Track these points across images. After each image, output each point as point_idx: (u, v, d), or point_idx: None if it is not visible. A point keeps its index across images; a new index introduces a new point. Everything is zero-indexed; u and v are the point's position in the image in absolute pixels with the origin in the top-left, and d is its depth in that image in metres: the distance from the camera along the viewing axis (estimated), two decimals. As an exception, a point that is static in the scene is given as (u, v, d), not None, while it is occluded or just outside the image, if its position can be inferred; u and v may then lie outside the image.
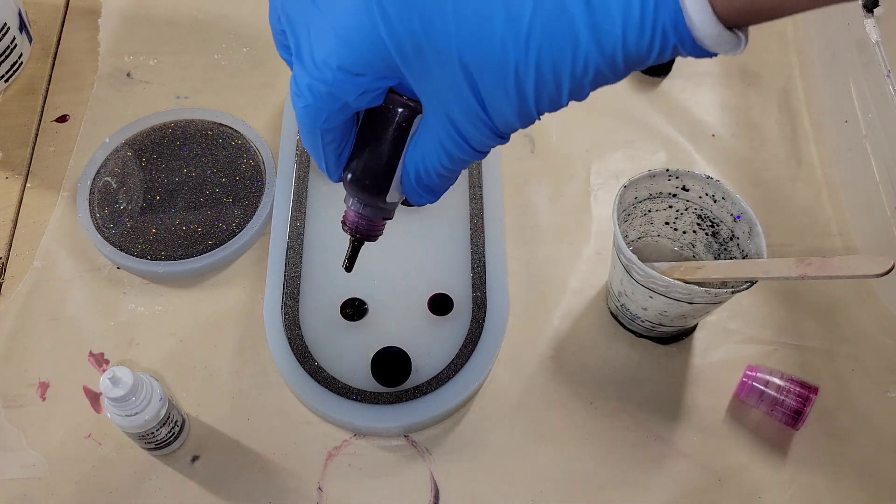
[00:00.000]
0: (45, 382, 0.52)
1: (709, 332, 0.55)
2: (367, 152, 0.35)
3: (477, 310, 0.53)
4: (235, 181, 0.59)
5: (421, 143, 0.34)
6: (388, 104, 0.34)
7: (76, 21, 0.70)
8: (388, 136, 0.35)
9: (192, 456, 0.50)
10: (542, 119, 0.31)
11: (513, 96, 0.30)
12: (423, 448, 0.50)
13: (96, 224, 0.57)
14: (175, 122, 0.62)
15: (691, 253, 0.54)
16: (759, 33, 0.71)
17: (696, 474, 0.50)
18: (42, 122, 0.64)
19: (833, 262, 0.41)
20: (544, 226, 0.59)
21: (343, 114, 0.33)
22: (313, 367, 0.50)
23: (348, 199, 0.38)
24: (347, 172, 0.36)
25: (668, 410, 0.52)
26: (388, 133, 0.35)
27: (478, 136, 0.32)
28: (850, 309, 0.56)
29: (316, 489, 0.49)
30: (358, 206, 0.38)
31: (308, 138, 0.35)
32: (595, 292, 0.56)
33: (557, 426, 0.51)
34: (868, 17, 0.60)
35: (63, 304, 0.55)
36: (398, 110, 0.34)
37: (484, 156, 0.34)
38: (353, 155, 0.36)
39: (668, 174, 0.51)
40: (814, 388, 0.50)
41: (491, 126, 0.32)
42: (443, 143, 0.33)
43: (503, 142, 0.33)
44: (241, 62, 0.67)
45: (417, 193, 0.36)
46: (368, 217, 0.38)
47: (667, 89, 0.67)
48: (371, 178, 0.36)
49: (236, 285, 0.56)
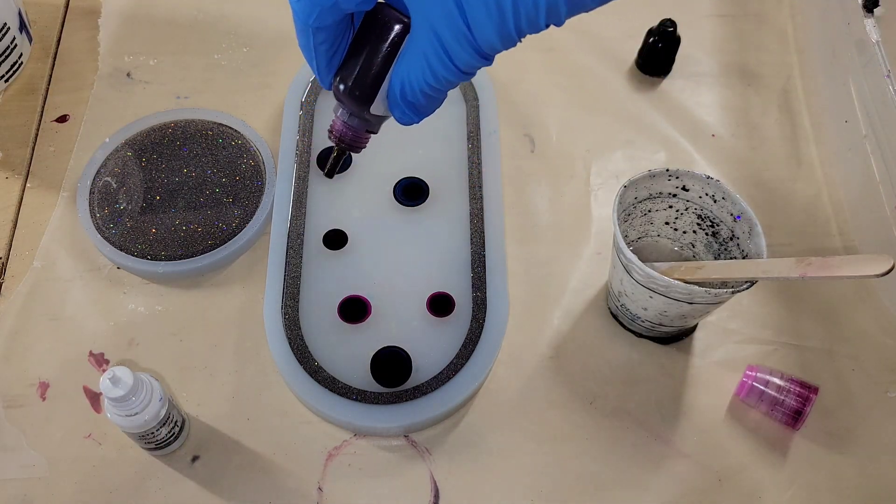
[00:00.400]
0: (45, 382, 0.52)
1: (709, 332, 0.55)
2: (358, 62, 0.37)
3: (477, 310, 0.53)
4: (235, 181, 0.59)
5: (407, 57, 0.35)
6: (383, 17, 0.35)
7: (76, 21, 0.70)
8: (379, 48, 0.36)
9: (192, 456, 0.50)
10: (523, 42, 0.32)
11: (493, 13, 0.31)
12: (423, 448, 0.50)
13: (96, 224, 0.57)
14: (175, 122, 0.62)
15: (691, 253, 0.54)
16: (760, 33, 0.71)
17: (696, 474, 0.50)
18: (42, 122, 0.64)
19: (833, 262, 0.41)
20: (544, 226, 0.59)
21: (334, 14, 0.34)
22: (313, 367, 0.50)
23: (337, 109, 0.40)
24: (337, 78, 0.38)
25: (668, 410, 0.52)
26: (380, 45, 0.36)
27: (462, 55, 0.33)
28: (850, 309, 0.56)
29: (316, 489, 0.49)
30: (345, 115, 0.40)
31: (301, 37, 0.36)
32: (595, 292, 0.56)
33: (557, 426, 0.51)
34: (868, 17, 0.60)
35: (63, 304, 0.55)
36: (392, 24, 0.35)
37: (468, 77, 0.35)
38: (345, 63, 0.37)
39: (668, 174, 0.51)
40: (814, 388, 0.50)
41: (474, 45, 0.32)
42: (428, 59, 0.34)
43: (487, 63, 0.34)
44: (241, 62, 0.67)
45: (402, 110, 0.37)
46: (354, 128, 0.40)
47: (667, 89, 0.67)
48: (359, 87, 0.37)
49: (236, 285, 0.56)
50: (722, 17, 0.72)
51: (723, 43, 0.71)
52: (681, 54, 0.67)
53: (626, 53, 0.68)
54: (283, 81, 0.65)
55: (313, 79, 0.64)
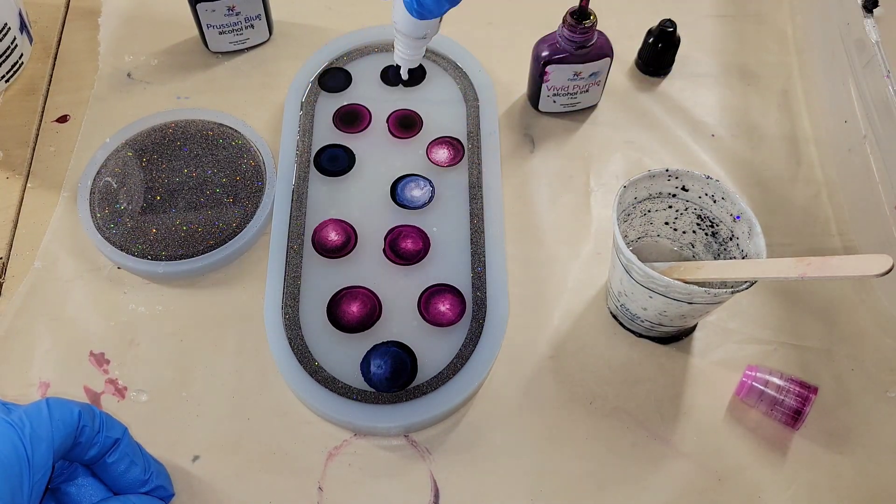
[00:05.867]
0: (45, 382, 0.52)
1: (709, 332, 0.55)
2: None
3: (477, 310, 0.53)
4: (235, 181, 0.59)
5: None
6: None
7: (76, 21, 0.70)
8: None
9: (193, 456, 0.50)
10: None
11: None
12: (423, 448, 0.50)
13: (97, 224, 0.57)
14: (175, 122, 0.62)
15: (691, 253, 0.55)
16: (760, 33, 0.71)
17: (695, 474, 0.50)
18: (42, 122, 0.64)
19: (833, 262, 0.41)
20: (544, 226, 0.59)
21: None
22: (313, 367, 0.50)
23: None
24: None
25: (668, 410, 0.52)
26: None
27: None
28: (850, 309, 0.56)
29: (316, 489, 0.49)
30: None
31: None
32: (595, 292, 0.56)
33: (557, 426, 0.51)
34: (868, 17, 0.60)
35: (63, 304, 0.55)
36: None
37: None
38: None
39: (668, 174, 0.51)
40: (813, 388, 0.50)
41: None
42: None
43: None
44: (241, 62, 0.68)
45: None
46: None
47: (667, 89, 0.67)
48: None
49: (236, 285, 0.56)
50: (722, 17, 0.72)
51: (723, 43, 0.71)
52: (680, 54, 0.67)
53: (625, 53, 0.68)
54: (283, 81, 0.65)
55: (313, 79, 0.64)
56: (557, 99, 0.63)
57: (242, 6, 0.64)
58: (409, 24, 0.50)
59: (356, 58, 0.65)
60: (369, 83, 0.64)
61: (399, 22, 0.50)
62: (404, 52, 0.53)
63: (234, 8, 0.64)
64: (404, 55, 0.53)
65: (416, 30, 0.50)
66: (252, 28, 0.67)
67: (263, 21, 0.67)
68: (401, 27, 0.50)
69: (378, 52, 0.66)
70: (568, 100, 0.63)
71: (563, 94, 0.63)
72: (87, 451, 0.41)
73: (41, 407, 0.39)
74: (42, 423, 0.38)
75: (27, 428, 0.38)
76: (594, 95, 0.64)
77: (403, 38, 0.51)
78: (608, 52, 0.60)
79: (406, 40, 0.51)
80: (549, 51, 0.59)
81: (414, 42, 0.52)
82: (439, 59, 0.65)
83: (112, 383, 0.52)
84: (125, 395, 0.52)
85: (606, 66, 0.61)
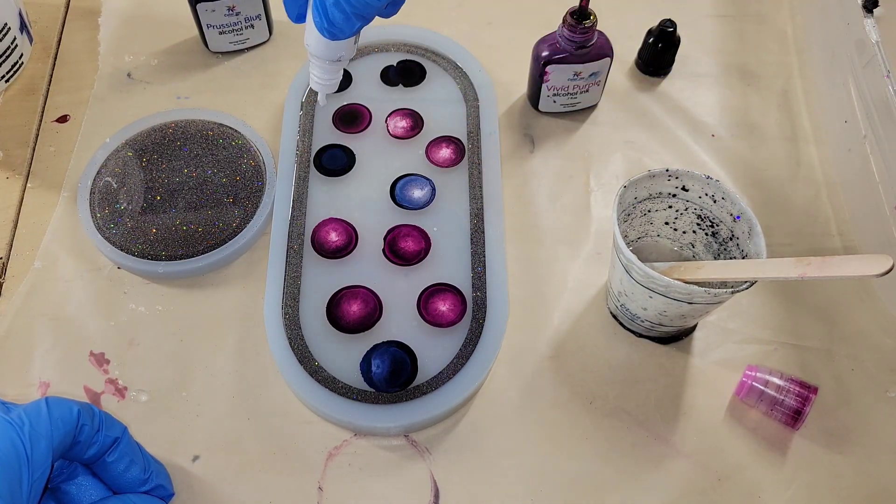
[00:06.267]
0: (45, 382, 0.52)
1: (709, 332, 0.55)
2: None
3: (477, 310, 0.53)
4: (235, 181, 0.59)
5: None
6: None
7: (76, 21, 0.70)
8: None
9: (193, 456, 0.50)
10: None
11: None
12: (423, 448, 0.50)
13: (97, 224, 0.57)
14: (175, 122, 0.62)
15: (691, 253, 0.55)
16: (760, 33, 0.71)
17: (695, 474, 0.50)
18: (42, 122, 0.64)
19: (833, 262, 0.41)
20: (544, 226, 0.59)
21: None
22: (313, 367, 0.50)
23: None
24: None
25: (668, 410, 0.52)
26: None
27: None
28: (850, 309, 0.56)
29: (316, 489, 0.49)
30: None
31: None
32: (595, 292, 0.56)
33: (557, 426, 0.51)
34: (868, 17, 0.60)
35: (63, 304, 0.55)
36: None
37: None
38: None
39: (668, 174, 0.51)
40: (813, 388, 0.50)
41: None
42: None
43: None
44: (241, 62, 0.68)
45: (319, 15, 0.44)
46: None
47: (667, 89, 0.67)
48: None
49: (236, 285, 0.56)
50: (722, 17, 0.72)
51: (723, 43, 0.71)
52: (680, 54, 0.67)
53: (625, 53, 0.68)
54: (283, 81, 0.65)
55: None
56: (557, 99, 0.63)
57: (242, 6, 0.65)
58: (322, 47, 0.47)
59: (356, 58, 0.65)
60: (369, 83, 0.64)
61: (312, 45, 0.47)
62: (320, 76, 0.50)
63: (234, 8, 0.64)
64: (320, 80, 0.50)
65: (330, 52, 0.47)
66: (252, 28, 0.67)
67: (263, 21, 0.67)
68: (314, 50, 0.48)
69: (378, 53, 0.66)
70: (568, 100, 0.63)
71: (563, 94, 0.63)
72: (86, 450, 0.41)
73: (40, 405, 0.39)
74: (41, 421, 0.38)
75: (26, 426, 0.38)
76: (594, 95, 0.64)
77: (318, 61, 0.48)
78: (608, 52, 0.60)
79: (321, 63, 0.49)
80: (549, 51, 0.60)
81: (329, 66, 0.49)
82: (439, 59, 0.65)
83: (112, 383, 0.52)
84: (125, 394, 0.52)
85: (606, 66, 0.61)
